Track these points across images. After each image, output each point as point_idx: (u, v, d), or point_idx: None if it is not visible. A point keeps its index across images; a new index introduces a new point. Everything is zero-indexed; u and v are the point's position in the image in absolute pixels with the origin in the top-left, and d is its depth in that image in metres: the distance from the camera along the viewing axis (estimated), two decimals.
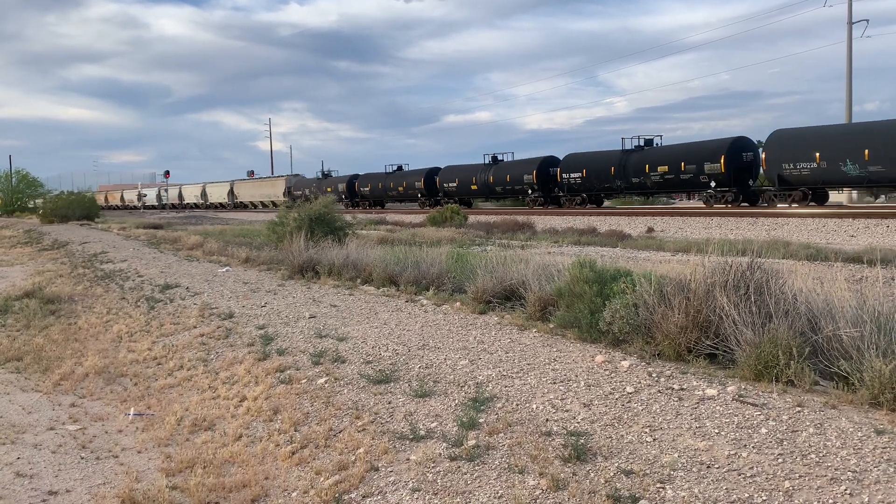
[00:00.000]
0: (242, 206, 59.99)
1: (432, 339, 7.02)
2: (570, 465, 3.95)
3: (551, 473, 3.86)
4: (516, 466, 4.04)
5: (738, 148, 28.07)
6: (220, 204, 64.38)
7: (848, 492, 3.37)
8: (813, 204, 24.91)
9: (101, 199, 67.73)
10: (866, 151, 22.66)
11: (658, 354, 5.62)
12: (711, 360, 5.37)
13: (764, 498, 3.41)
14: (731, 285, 5.48)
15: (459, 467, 4.16)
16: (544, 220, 26.19)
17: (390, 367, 6.14)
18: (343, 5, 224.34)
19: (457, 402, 5.16)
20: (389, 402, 5.37)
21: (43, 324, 10.54)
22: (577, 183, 34.63)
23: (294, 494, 4.40)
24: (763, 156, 26.41)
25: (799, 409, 4.35)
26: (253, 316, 9.17)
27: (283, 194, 54.74)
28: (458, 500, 3.83)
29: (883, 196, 30.50)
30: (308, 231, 14.08)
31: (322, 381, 6.09)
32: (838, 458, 3.70)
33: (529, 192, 37.45)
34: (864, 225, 17.96)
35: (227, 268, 14.60)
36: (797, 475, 3.58)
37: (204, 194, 67.58)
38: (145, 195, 76.26)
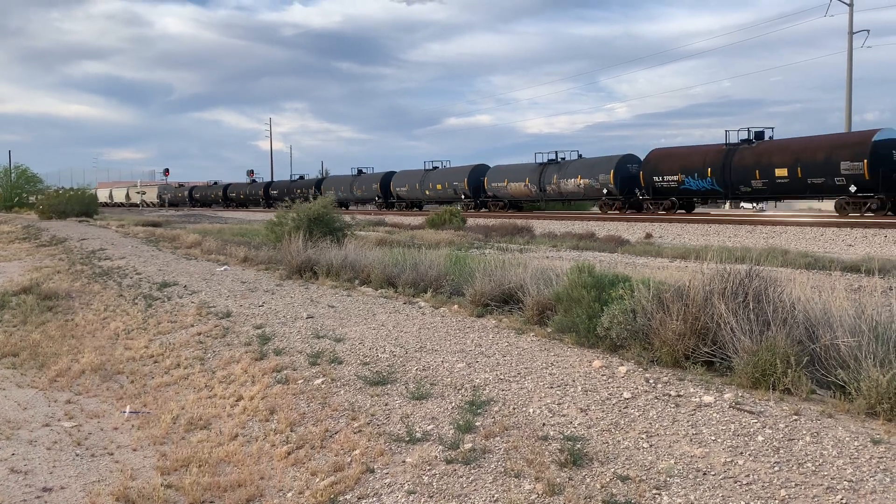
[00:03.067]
0: (134, 205, 79.34)
1: (430, 341, 7.02)
2: (566, 469, 3.95)
3: (547, 478, 3.85)
4: (512, 470, 4.04)
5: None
6: (122, 203, 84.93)
7: (844, 501, 3.37)
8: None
9: None
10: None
11: (655, 360, 5.62)
12: (709, 367, 5.37)
13: None
14: (730, 293, 5.48)
15: (455, 470, 4.15)
16: (543, 225, 26.23)
17: (387, 369, 6.14)
18: (347, 6, 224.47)
19: (453, 404, 5.15)
20: (386, 404, 5.36)
21: (40, 320, 10.52)
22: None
23: (289, 495, 4.39)
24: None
25: (796, 417, 4.35)
26: (250, 315, 9.16)
27: (157, 196, 79.91)
28: (454, 503, 3.83)
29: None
30: (307, 231, 14.08)
31: (319, 381, 6.09)
32: (834, 468, 3.70)
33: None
34: (861, 234, 17.99)
35: (226, 267, 14.59)
36: (793, 483, 3.58)
37: (111, 196, 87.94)
38: None
